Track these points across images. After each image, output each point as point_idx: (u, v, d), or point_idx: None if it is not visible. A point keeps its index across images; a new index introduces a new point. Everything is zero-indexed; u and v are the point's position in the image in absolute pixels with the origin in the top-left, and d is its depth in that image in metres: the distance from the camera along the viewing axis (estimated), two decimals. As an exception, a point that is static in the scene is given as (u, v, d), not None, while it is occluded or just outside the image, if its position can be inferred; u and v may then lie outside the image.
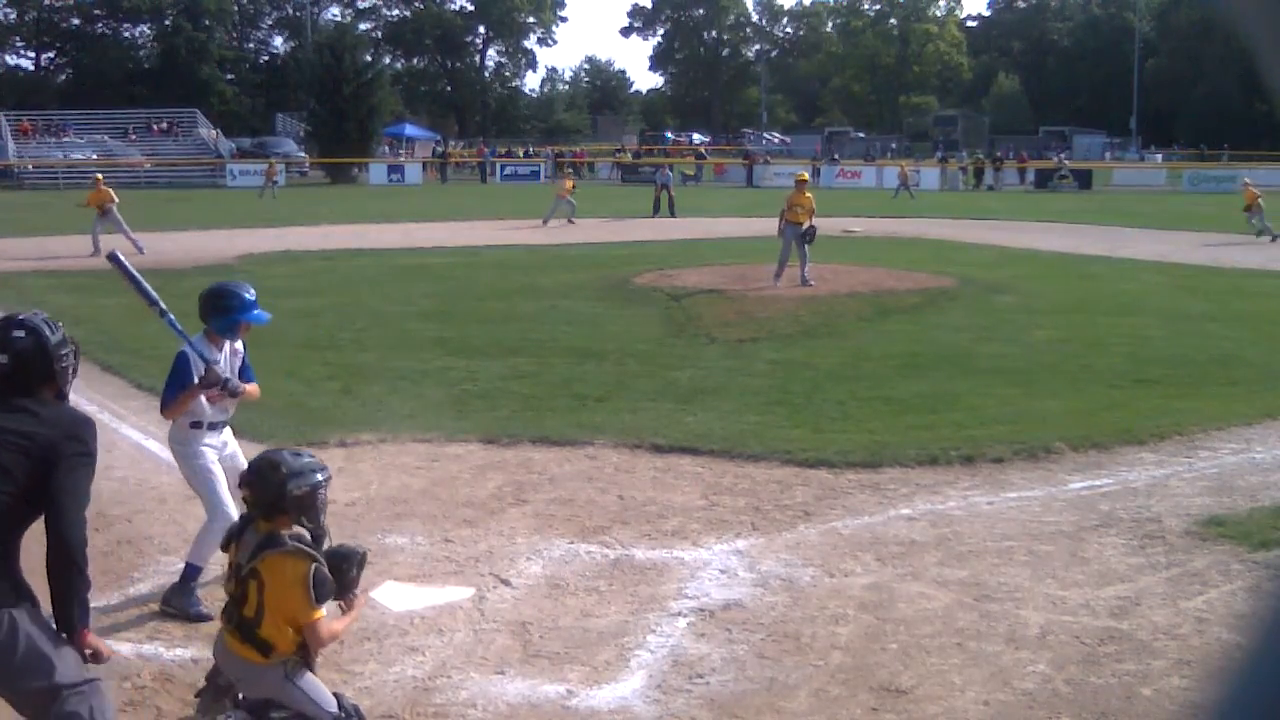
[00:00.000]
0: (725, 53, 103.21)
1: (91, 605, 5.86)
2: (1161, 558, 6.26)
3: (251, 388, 5.99)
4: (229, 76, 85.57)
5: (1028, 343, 13.03)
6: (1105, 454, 8.17)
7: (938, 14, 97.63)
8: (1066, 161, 54.84)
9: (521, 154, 67.21)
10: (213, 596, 5.94)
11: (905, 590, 5.85)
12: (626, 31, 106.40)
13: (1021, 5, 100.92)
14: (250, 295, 5.92)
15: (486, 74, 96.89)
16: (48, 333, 3.97)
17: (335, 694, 4.22)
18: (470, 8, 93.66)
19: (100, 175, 26.43)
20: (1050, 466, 7.92)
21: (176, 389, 5.73)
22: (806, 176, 19.27)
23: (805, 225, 17.29)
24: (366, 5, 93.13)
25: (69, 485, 3.88)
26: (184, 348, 5.74)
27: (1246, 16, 0.68)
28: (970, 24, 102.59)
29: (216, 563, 6.51)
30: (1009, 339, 13.28)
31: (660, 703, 4.77)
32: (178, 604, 5.81)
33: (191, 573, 5.88)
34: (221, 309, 5.84)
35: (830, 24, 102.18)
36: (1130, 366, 11.59)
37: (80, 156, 55.76)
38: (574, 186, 33.40)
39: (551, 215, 30.86)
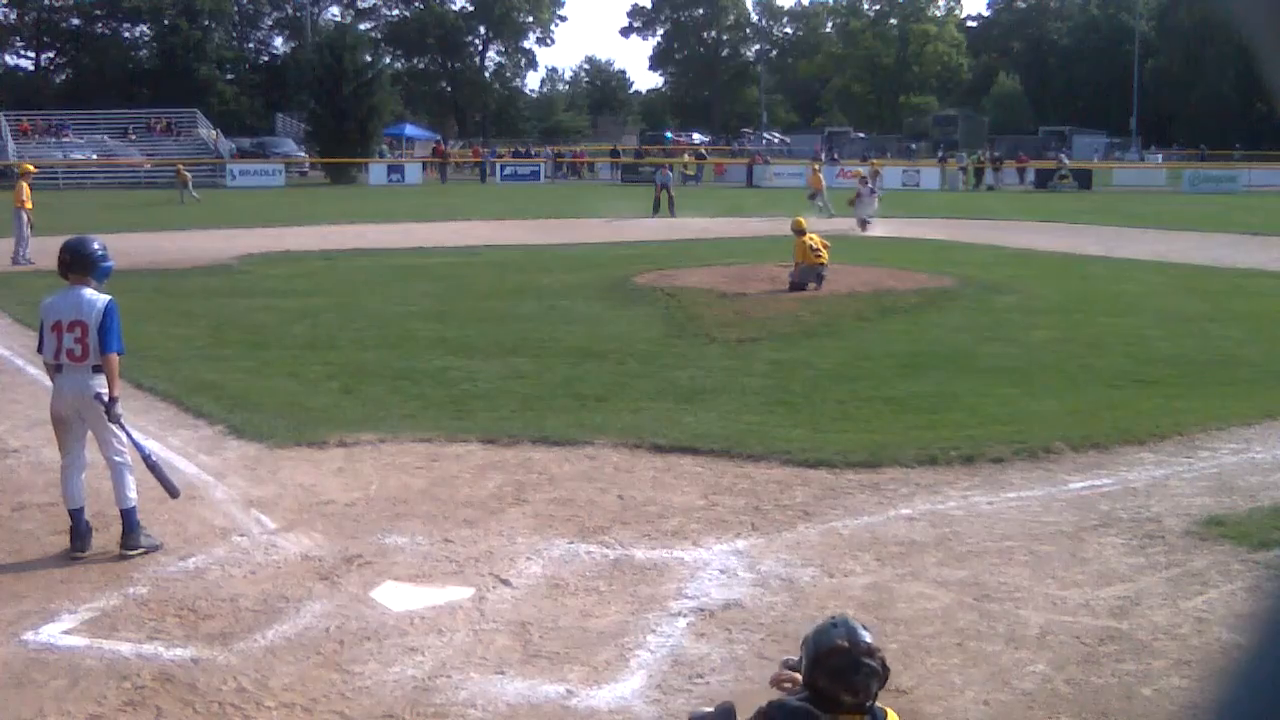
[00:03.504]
0: (725, 53, 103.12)
1: (92, 605, 5.89)
2: (1161, 558, 6.26)
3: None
4: (229, 76, 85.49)
5: (1028, 343, 13.03)
6: (1105, 454, 8.16)
7: (937, 14, 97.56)
8: (1067, 161, 54.81)
9: (510, 153, 67.08)
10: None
11: (905, 590, 5.85)
12: (626, 31, 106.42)
13: (1021, 5, 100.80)
14: None
15: (486, 74, 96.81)
16: None
17: None
18: (470, 8, 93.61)
19: (32, 167, 24.02)
20: (1050, 466, 7.92)
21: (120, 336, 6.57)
22: (805, 222, 17.83)
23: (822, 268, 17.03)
24: (366, 5, 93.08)
25: None
26: (112, 299, 6.55)
27: (1247, 17, 0.68)
28: (970, 24, 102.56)
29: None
30: (1009, 339, 13.28)
31: (660, 703, 4.77)
32: (145, 543, 6.51)
33: (135, 515, 6.52)
34: (100, 258, 6.69)
35: (830, 24, 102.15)
36: (1130, 366, 11.59)
37: (80, 156, 55.79)
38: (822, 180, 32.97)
39: (827, 208, 30.99)
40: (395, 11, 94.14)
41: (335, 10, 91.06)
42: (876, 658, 3.40)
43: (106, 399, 6.47)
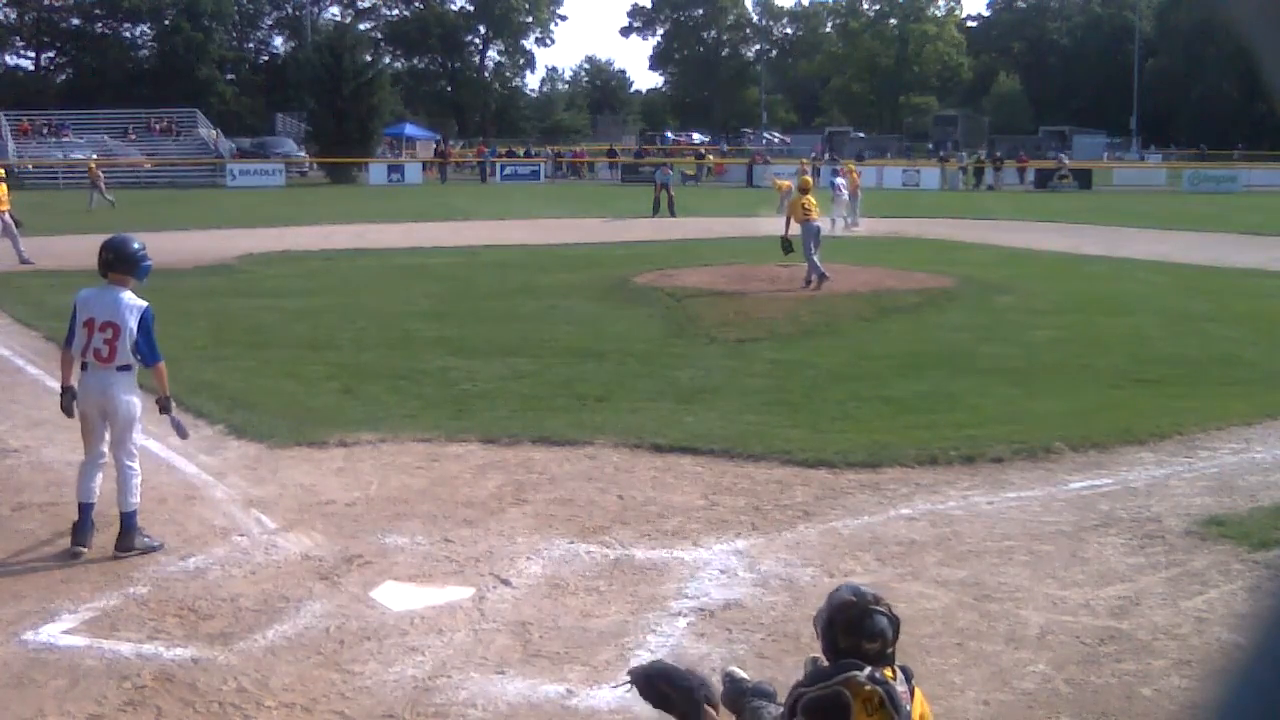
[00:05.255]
0: (725, 53, 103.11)
1: (92, 605, 5.89)
2: (1161, 558, 6.27)
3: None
4: (229, 76, 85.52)
5: (1028, 343, 13.03)
6: (1105, 454, 8.17)
7: (937, 14, 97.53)
8: (1066, 161, 54.79)
9: (522, 153, 67.10)
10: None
11: (905, 590, 5.84)
12: (626, 31, 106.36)
13: (1021, 5, 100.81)
14: None
15: (486, 74, 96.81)
16: None
17: None
18: (470, 8, 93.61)
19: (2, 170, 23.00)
20: (1050, 466, 7.92)
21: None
22: (810, 182, 19.27)
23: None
24: (366, 5, 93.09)
25: None
26: (149, 306, 6.66)
27: (1246, 17, 0.68)
28: (970, 24, 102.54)
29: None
30: (1009, 339, 13.28)
31: (660, 703, 4.77)
32: (140, 545, 6.48)
33: (135, 518, 6.53)
34: (141, 257, 6.82)
35: (830, 24, 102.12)
36: (1130, 366, 11.59)
37: (80, 156, 55.73)
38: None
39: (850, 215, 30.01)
40: (395, 11, 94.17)
41: (335, 10, 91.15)
42: (884, 605, 3.51)
43: (165, 400, 6.82)
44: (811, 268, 17.12)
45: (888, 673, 3.45)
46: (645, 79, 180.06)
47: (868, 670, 3.39)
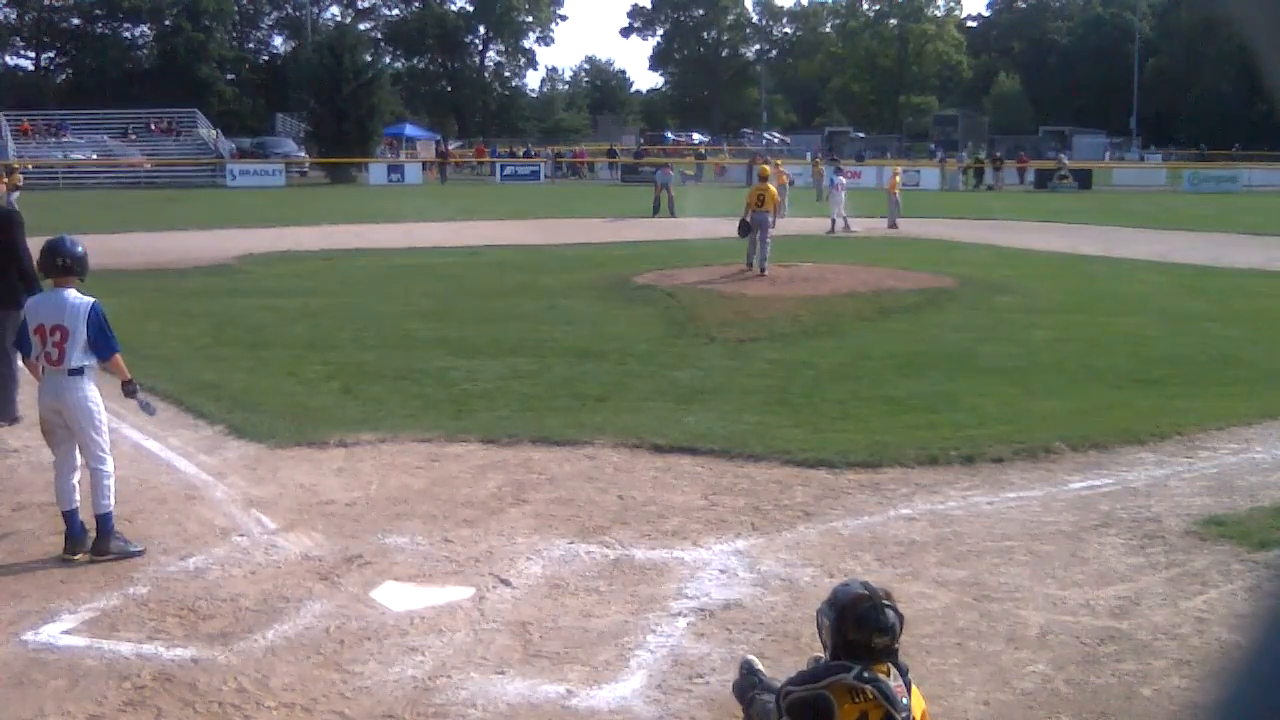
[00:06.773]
0: (725, 53, 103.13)
1: (92, 605, 5.89)
2: (1161, 558, 6.27)
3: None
4: (229, 76, 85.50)
5: (1028, 343, 13.03)
6: (1105, 454, 8.17)
7: (937, 14, 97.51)
8: (1066, 161, 54.75)
9: (521, 153, 67.09)
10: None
11: (905, 590, 5.84)
12: (626, 31, 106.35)
13: (1021, 5, 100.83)
14: None
15: (486, 74, 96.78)
16: None
17: None
18: (470, 8, 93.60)
19: None
20: (1050, 466, 7.92)
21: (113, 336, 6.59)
22: (769, 171, 21.60)
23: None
24: (366, 5, 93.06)
25: None
26: (97, 301, 6.58)
27: (1247, 16, 0.68)
28: (970, 24, 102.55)
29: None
30: (1009, 339, 13.28)
31: (660, 703, 4.77)
32: (116, 549, 6.40)
33: (111, 520, 6.46)
34: (85, 255, 6.76)
35: (829, 24, 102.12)
36: (1130, 366, 11.60)
37: (80, 156, 55.82)
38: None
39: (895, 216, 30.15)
40: (395, 11, 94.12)
41: (335, 10, 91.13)
42: (892, 600, 3.60)
43: (129, 385, 6.70)
44: (749, 254, 18.23)
45: (882, 669, 3.47)
46: (645, 79, 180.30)
47: (856, 670, 3.43)
